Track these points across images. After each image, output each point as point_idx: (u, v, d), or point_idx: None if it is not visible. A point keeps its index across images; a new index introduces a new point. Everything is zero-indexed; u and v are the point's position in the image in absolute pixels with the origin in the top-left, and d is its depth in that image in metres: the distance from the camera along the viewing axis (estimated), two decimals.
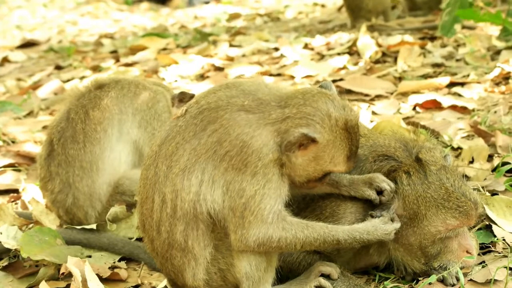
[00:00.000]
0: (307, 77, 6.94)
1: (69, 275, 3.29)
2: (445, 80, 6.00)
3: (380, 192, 2.93)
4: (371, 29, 8.66)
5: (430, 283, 2.91)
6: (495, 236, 3.25)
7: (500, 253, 3.15)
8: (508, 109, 5.08)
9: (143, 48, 10.00)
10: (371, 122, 5.13)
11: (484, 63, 6.52)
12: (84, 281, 3.01)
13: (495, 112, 5.02)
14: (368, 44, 7.52)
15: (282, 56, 8.12)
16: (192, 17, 16.56)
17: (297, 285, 2.94)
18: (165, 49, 10.04)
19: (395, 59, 7.04)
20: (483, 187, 3.74)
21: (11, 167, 5.31)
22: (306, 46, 8.55)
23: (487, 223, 3.35)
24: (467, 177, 3.85)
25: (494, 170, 3.98)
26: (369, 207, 2.95)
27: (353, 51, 7.77)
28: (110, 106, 4.06)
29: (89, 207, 3.98)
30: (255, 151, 2.65)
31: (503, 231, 3.28)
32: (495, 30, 7.66)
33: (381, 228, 2.83)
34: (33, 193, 4.62)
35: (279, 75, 7.28)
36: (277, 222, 2.70)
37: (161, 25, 15.13)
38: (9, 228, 3.68)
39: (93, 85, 4.19)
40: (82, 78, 8.51)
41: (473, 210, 2.90)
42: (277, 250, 2.80)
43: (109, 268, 3.57)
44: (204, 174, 2.69)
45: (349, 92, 6.00)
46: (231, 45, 9.49)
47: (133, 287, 3.46)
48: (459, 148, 4.45)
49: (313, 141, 2.69)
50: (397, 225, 2.88)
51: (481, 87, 5.78)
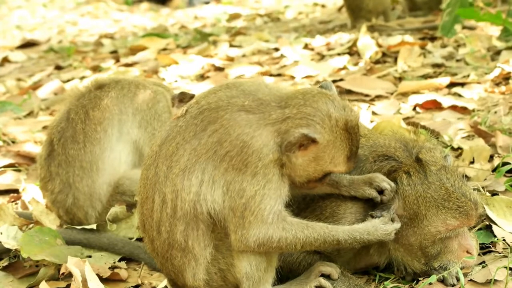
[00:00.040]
0: (307, 77, 6.94)
1: (69, 275, 3.29)
2: (445, 80, 6.00)
3: (380, 191, 2.93)
4: (371, 29, 8.66)
5: (430, 283, 2.91)
6: (495, 236, 3.25)
7: (500, 253, 3.15)
8: (508, 109, 5.07)
9: (143, 48, 10.00)
10: (371, 122, 5.12)
11: (484, 64, 6.51)
12: (84, 281, 3.01)
13: (495, 112, 5.02)
14: (368, 44, 7.52)
15: (282, 56, 8.12)
16: (192, 17, 16.56)
17: (297, 285, 2.94)
18: (165, 49, 10.03)
19: (395, 59, 7.03)
20: (483, 187, 3.74)
21: (11, 167, 5.31)
22: (306, 46, 8.55)
23: (487, 223, 3.35)
24: (467, 178, 3.85)
25: (494, 170, 3.98)
26: (369, 207, 2.95)
27: (353, 51, 7.77)
28: (110, 106, 4.06)
29: (89, 207, 3.98)
30: (256, 151, 2.66)
31: (503, 231, 3.28)
32: (495, 30, 7.66)
33: (381, 228, 2.83)
34: (33, 193, 4.62)
35: (279, 75, 7.28)
36: (277, 222, 2.70)
37: (161, 25, 15.13)
38: (9, 228, 3.68)
39: (93, 85, 4.19)
40: (82, 78, 8.51)
41: (473, 210, 2.90)
42: (277, 250, 2.80)
43: (109, 268, 3.57)
44: (204, 174, 2.69)
45: (349, 92, 6.00)
46: (231, 45, 9.49)
47: (133, 287, 3.46)
48: (459, 148, 4.45)
49: (313, 141, 2.69)
50: (397, 225, 2.88)
51: (481, 87, 5.78)
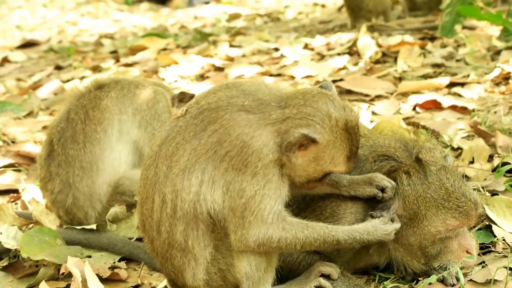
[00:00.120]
0: (307, 77, 6.94)
1: (69, 275, 3.29)
2: (445, 80, 6.00)
3: (381, 190, 2.92)
4: (371, 29, 8.66)
5: (430, 283, 2.91)
6: (495, 236, 3.25)
7: (500, 253, 3.15)
8: (508, 109, 5.07)
9: (143, 48, 10.00)
10: (371, 122, 5.13)
11: (484, 64, 6.51)
12: (84, 281, 3.01)
13: (495, 112, 5.02)
14: (368, 44, 7.52)
15: (282, 56, 8.12)
16: (192, 17, 16.56)
17: (297, 285, 2.94)
18: (165, 49, 10.04)
19: (395, 59, 7.03)
20: (483, 187, 3.74)
21: (11, 167, 5.31)
22: (306, 46, 8.55)
23: (487, 223, 3.35)
24: (467, 177, 3.85)
25: (494, 170, 3.98)
26: (369, 207, 2.95)
27: (353, 51, 7.77)
28: (110, 106, 4.06)
29: (89, 207, 3.98)
30: (255, 151, 2.66)
31: (503, 231, 3.28)
32: (495, 30, 7.66)
33: (381, 228, 2.83)
34: (33, 193, 4.62)
35: (279, 75, 7.28)
36: (277, 222, 2.70)
37: (161, 25, 15.13)
38: (9, 228, 3.68)
39: (93, 85, 4.19)
40: (82, 78, 8.51)
41: (473, 210, 2.90)
42: (277, 250, 2.80)
43: (109, 268, 3.57)
44: (204, 174, 2.69)
45: (349, 92, 6.00)
46: (231, 45, 9.49)
47: (133, 287, 3.46)
48: (459, 148, 4.45)
49: (313, 141, 2.69)
50: (397, 225, 2.88)
51: (481, 87, 5.78)
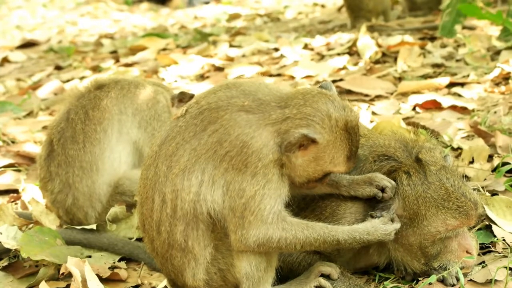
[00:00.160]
0: (307, 77, 6.94)
1: (69, 275, 3.29)
2: (445, 80, 6.00)
3: (381, 190, 2.92)
4: (371, 29, 8.65)
5: (430, 283, 2.91)
6: (495, 236, 3.25)
7: (500, 253, 3.15)
8: (508, 109, 5.07)
9: (143, 48, 10.00)
10: (371, 122, 5.13)
11: (484, 64, 6.51)
12: (84, 281, 3.01)
13: (495, 112, 5.02)
14: (368, 44, 7.52)
15: (282, 56, 8.12)
16: (192, 18, 16.54)
17: (297, 285, 2.94)
18: (165, 49, 10.03)
19: (395, 59, 7.03)
20: (483, 187, 3.74)
21: (11, 167, 5.31)
22: (306, 46, 8.55)
23: (487, 223, 3.35)
24: (467, 178, 3.85)
25: (494, 170, 3.98)
26: (369, 207, 2.95)
27: (353, 51, 7.77)
28: (110, 106, 4.06)
29: (89, 208, 3.98)
30: (255, 151, 2.66)
31: (503, 231, 3.28)
32: (495, 30, 7.66)
33: (381, 228, 2.83)
34: (33, 193, 4.62)
35: (279, 75, 7.28)
36: (277, 222, 2.70)
37: (161, 25, 15.13)
38: (9, 228, 3.68)
39: (93, 86, 4.19)
40: (82, 78, 8.51)
41: (473, 210, 2.90)
42: (277, 250, 2.80)
43: (109, 268, 3.57)
44: (204, 174, 2.69)
45: (349, 92, 6.00)
46: (231, 45, 9.49)
47: (133, 287, 3.46)
48: (459, 148, 4.45)
49: (313, 141, 2.69)
50: (397, 225, 2.88)
51: (481, 87, 5.78)
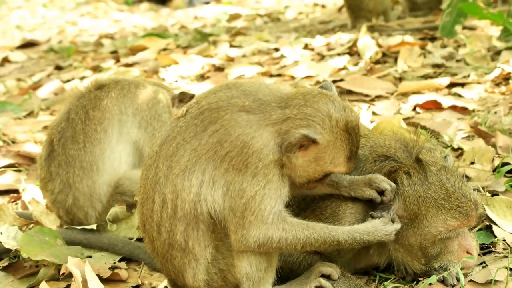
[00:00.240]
0: (307, 77, 6.93)
1: (70, 276, 3.30)
2: (445, 80, 6.00)
3: (381, 192, 2.92)
4: (372, 29, 8.66)
5: (430, 284, 2.91)
6: (496, 236, 3.25)
7: (500, 254, 3.15)
8: (508, 109, 5.07)
9: (143, 48, 10.00)
10: (372, 122, 5.13)
11: (484, 64, 6.51)
12: (84, 282, 3.01)
13: (495, 112, 5.02)
14: (368, 44, 7.52)
15: (282, 56, 8.12)
16: (192, 18, 16.54)
17: (298, 285, 2.94)
18: (165, 50, 10.03)
19: (396, 59, 7.03)
20: (483, 188, 3.74)
21: (11, 167, 5.31)
22: (306, 46, 8.55)
23: (488, 223, 3.35)
24: (467, 178, 3.85)
25: (494, 170, 3.98)
26: (369, 207, 2.95)
27: (353, 51, 7.77)
28: (110, 106, 4.06)
29: (89, 208, 3.98)
30: (256, 151, 2.66)
31: (504, 231, 3.28)
32: (495, 30, 7.67)
33: (382, 229, 2.83)
34: (33, 194, 4.61)
35: (279, 75, 7.28)
36: (277, 222, 2.70)
37: (161, 25, 15.13)
38: (9, 228, 3.68)
39: (93, 86, 4.19)
40: (82, 78, 8.51)
41: (474, 210, 2.90)
42: (277, 250, 2.80)
43: (110, 268, 3.57)
44: (204, 174, 2.69)
45: (349, 92, 6.00)
46: (231, 46, 9.49)
47: (133, 287, 3.46)
48: (459, 148, 4.45)
49: (314, 142, 2.69)
50: (398, 226, 2.87)
51: (481, 87, 5.78)
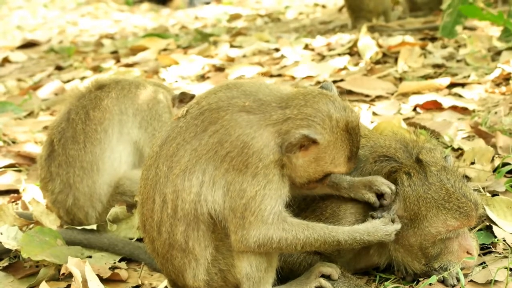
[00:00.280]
0: (307, 77, 6.94)
1: (70, 276, 3.30)
2: (445, 80, 6.00)
3: (380, 195, 2.93)
4: (372, 29, 8.66)
5: (430, 284, 2.91)
6: (496, 237, 3.25)
7: (500, 254, 3.15)
8: (508, 110, 5.07)
9: (144, 48, 10.00)
10: (372, 122, 5.13)
11: (484, 64, 6.51)
12: (84, 282, 3.01)
13: (496, 113, 5.02)
14: (368, 44, 7.52)
15: (282, 56, 8.12)
16: (192, 18, 16.54)
17: (298, 285, 2.94)
18: (165, 50, 10.04)
19: (396, 59, 7.03)
20: (483, 188, 3.74)
21: (12, 167, 5.31)
22: (306, 46, 8.55)
23: (488, 224, 3.35)
24: (468, 178, 3.85)
25: (494, 171, 3.98)
26: (370, 208, 2.95)
27: (353, 51, 7.77)
28: (110, 106, 4.06)
29: (90, 208, 3.98)
30: (256, 152, 2.66)
31: (504, 232, 3.28)
32: (495, 31, 7.66)
33: (382, 229, 2.83)
34: (33, 194, 4.61)
35: (279, 75, 7.28)
36: (277, 223, 2.70)
37: (161, 25, 15.13)
38: (9, 228, 3.68)
39: (93, 86, 4.19)
40: (82, 78, 8.51)
41: (474, 211, 2.90)
42: (277, 250, 2.80)
43: (110, 268, 3.57)
44: (205, 174, 2.69)
45: (349, 92, 6.00)
46: (232, 46, 9.49)
47: (133, 287, 3.46)
48: (459, 148, 4.45)
49: (314, 142, 2.69)
50: (398, 226, 2.87)
51: (482, 88, 5.78)
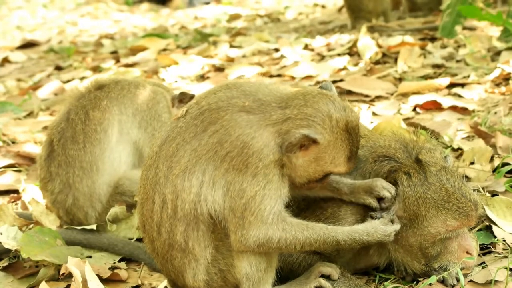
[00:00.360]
0: (307, 77, 6.93)
1: (69, 276, 3.30)
2: (445, 81, 6.00)
3: (381, 198, 2.92)
4: (372, 30, 8.65)
5: (430, 284, 2.91)
6: (495, 237, 3.25)
7: (500, 254, 3.15)
8: (508, 110, 5.07)
9: (143, 48, 10.00)
10: (371, 123, 5.12)
11: (484, 64, 6.51)
12: (84, 282, 3.01)
13: (495, 113, 5.02)
14: (368, 45, 7.52)
15: (282, 56, 8.12)
16: (192, 18, 16.54)
17: (297, 285, 2.94)
18: (165, 50, 10.04)
19: (396, 60, 7.03)
20: (483, 188, 3.74)
21: (11, 167, 5.31)
22: (306, 46, 8.55)
23: (487, 224, 3.35)
24: (467, 178, 3.85)
25: (494, 171, 3.98)
26: (369, 208, 2.95)
27: (353, 52, 7.77)
28: (110, 106, 4.06)
29: (89, 208, 3.98)
30: (256, 152, 2.66)
31: (503, 232, 3.28)
32: (495, 31, 7.66)
33: (381, 229, 2.83)
34: (33, 194, 4.61)
35: (279, 75, 7.28)
36: (277, 223, 2.70)
37: (161, 25, 15.13)
38: (9, 228, 3.68)
39: (93, 86, 4.19)
40: (82, 78, 8.51)
41: (473, 211, 2.90)
42: (277, 250, 2.80)
43: (109, 268, 3.57)
44: (204, 175, 2.69)
45: (349, 93, 6.00)
46: (231, 46, 9.49)
47: (133, 287, 3.46)
48: (459, 149, 4.45)
49: (314, 142, 2.69)
50: (397, 226, 2.87)
51: (481, 88, 5.78)
